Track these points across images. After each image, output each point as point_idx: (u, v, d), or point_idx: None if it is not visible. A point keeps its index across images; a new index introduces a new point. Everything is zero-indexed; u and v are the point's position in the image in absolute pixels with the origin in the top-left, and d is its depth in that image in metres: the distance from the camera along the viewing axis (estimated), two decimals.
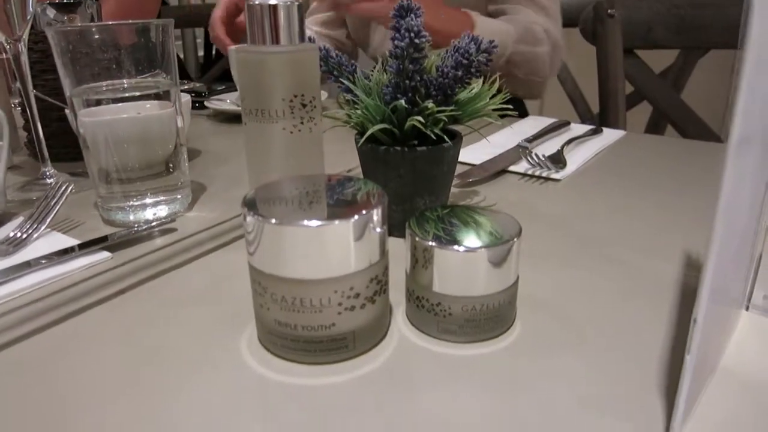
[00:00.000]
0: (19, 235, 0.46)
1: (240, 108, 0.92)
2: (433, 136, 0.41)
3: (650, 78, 1.08)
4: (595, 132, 0.78)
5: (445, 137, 0.42)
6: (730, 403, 0.29)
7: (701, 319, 0.23)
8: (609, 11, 1.03)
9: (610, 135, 0.78)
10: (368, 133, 0.41)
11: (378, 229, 0.31)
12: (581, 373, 0.31)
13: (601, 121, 1.10)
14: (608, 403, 0.28)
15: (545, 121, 0.82)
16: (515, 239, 0.32)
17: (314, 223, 0.28)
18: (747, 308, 0.37)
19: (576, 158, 0.67)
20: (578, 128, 0.80)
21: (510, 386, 0.30)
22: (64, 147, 0.70)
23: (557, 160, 0.65)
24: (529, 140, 0.71)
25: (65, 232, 0.49)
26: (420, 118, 0.40)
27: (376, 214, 0.30)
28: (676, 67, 1.10)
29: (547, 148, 0.70)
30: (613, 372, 0.31)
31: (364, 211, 0.29)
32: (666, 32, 1.02)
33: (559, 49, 0.99)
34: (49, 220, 0.47)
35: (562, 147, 0.69)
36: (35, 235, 0.46)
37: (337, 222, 0.29)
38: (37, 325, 0.36)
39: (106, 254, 0.44)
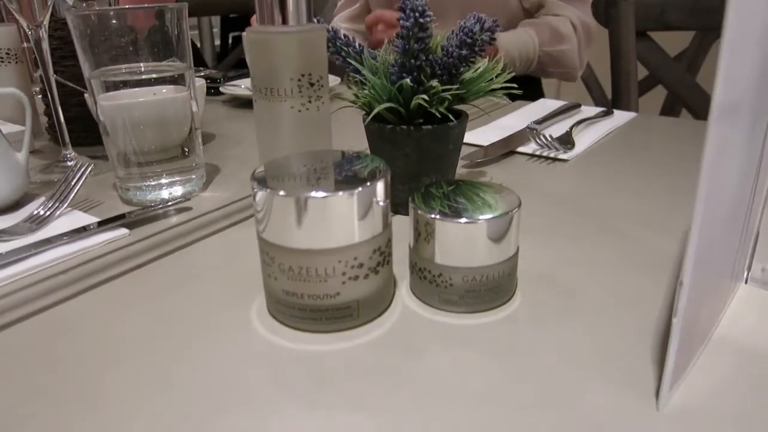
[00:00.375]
0: (42, 212, 0.48)
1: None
2: (438, 114, 0.42)
3: (664, 60, 1.07)
4: (606, 114, 0.78)
5: (450, 116, 0.43)
6: (723, 371, 0.30)
7: (687, 281, 0.24)
8: None
9: (620, 117, 0.78)
10: (375, 111, 0.43)
11: (381, 202, 0.32)
12: (578, 341, 0.32)
13: (613, 104, 1.10)
14: (603, 370, 0.29)
15: (556, 104, 0.82)
16: (515, 211, 0.33)
17: (319, 194, 0.30)
18: (746, 281, 0.38)
19: (585, 139, 0.68)
20: (589, 110, 0.80)
21: (508, 353, 0.31)
22: (84, 131, 0.71)
23: (565, 141, 0.65)
24: (539, 122, 0.71)
25: (85, 211, 0.51)
26: (425, 97, 0.41)
27: (380, 187, 0.31)
28: (691, 50, 1.09)
29: (557, 129, 0.71)
30: (609, 340, 0.32)
31: (368, 184, 0.31)
32: (679, 14, 1.01)
33: (591, 32, 1.06)
34: (70, 199, 0.49)
35: (571, 128, 0.69)
36: (57, 213, 0.48)
37: (341, 193, 0.30)
38: (61, 296, 0.38)
39: (124, 231, 0.46)
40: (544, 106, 0.83)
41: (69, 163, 0.64)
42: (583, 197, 0.52)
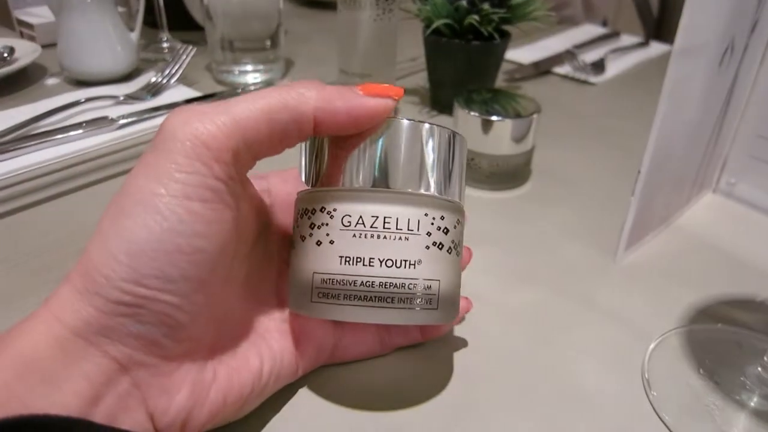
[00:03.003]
0: (159, 80, 0.59)
1: None
2: (485, 33, 0.51)
3: None
4: (641, 45, 0.85)
5: (496, 35, 0.52)
6: (672, 246, 0.40)
7: (644, 171, 0.34)
8: None
9: (655, 49, 0.84)
10: (434, 26, 0.52)
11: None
12: (567, 216, 0.43)
13: (657, 34, 1.14)
14: (582, 235, 0.41)
15: (599, 31, 0.89)
16: (533, 116, 0.43)
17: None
18: (714, 191, 0.48)
19: (616, 66, 0.75)
20: (627, 40, 0.87)
21: (516, 219, 0.42)
22: (174, 17, 0.81)
23: (598, 66, 0.73)
24: (578, 46, 0.79)
25: (188, 87, 0.62)
26: (476, 17, 0.50)
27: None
28: None
29: (594, 55, 0.78)
30: (591, 217, 0.43)
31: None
32: None
33: None
34: (179, 74, 0.60)
35: (605, 55, 0.76)
36: (168, 85, 0.60)
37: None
38: None
39: None
40: (587, 32, 0.90)
41: (164, 45, 0.74)
42: (602, 117, 0.61)
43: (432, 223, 0.23)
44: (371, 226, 0.22)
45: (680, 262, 0.39)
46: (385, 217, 0.22)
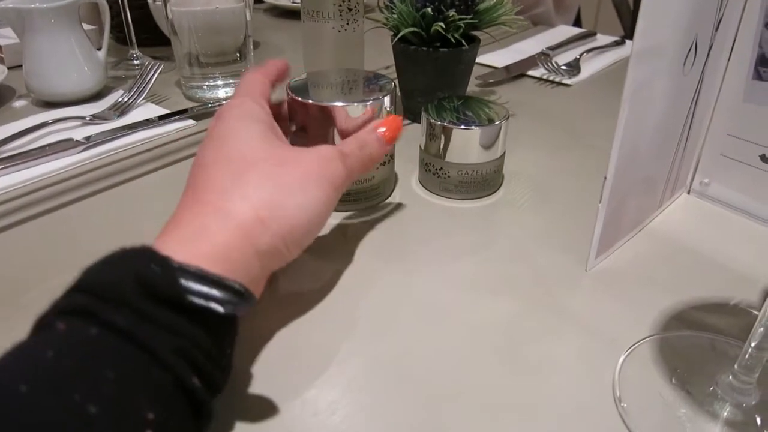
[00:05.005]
0: (125, 100, 0.58)
1: (293, 4, 1.00)
2: (452, 39, 0.51)
3: None
4: (618, 44, 0.84)
5: (464, 42, 0.51)
6: (645, 251, 0.40)
7: (610, 177, 0.34)
8: None
9: (631, 47, 0.84)
10: (401, 34, 0.51)
11: (388, 109, 0.40)
12: (539, 223, 0.42)
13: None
14: (554, 242, 0.40)
15: (573, 31, 0.88)
16: (502, 122, 0.42)
17: (340, 104, 0.38)
18: (689, 192, 0.47)
19: (592, 67, 0.75)
20: (603, 39, 0.86)
21: (487, 228, 0.42)
22: (145, 33, 0.80)
23: (572, 67, 0.73)
24: (552, 48, 0.78)
25: (156, 104, 0.61)
26: (442, 24, 0.50)
27: (388, 100, 0.40)
28: None
29: (569, 56, 0.78)
30: (563, 224, 0.42)
31: (379, 96, 0.39)
32: None
33: None
34: (146, 92, 0.59)
35: (580, 55, 0.76)
36: (135, 104, 0.59)
37: (356, 104, 0.39)
38: (143, 170, 0.49)
39: (191, 122, 0.57)
40: (562, 32, 0.89)
41: (135, 62, 0.73)
42: (577, 119, 0.60)
43: None
44: None
45: (653, 267, 0.38)
46: None
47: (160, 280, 0.23)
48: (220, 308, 0.24)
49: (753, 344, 0.26)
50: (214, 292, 0.24)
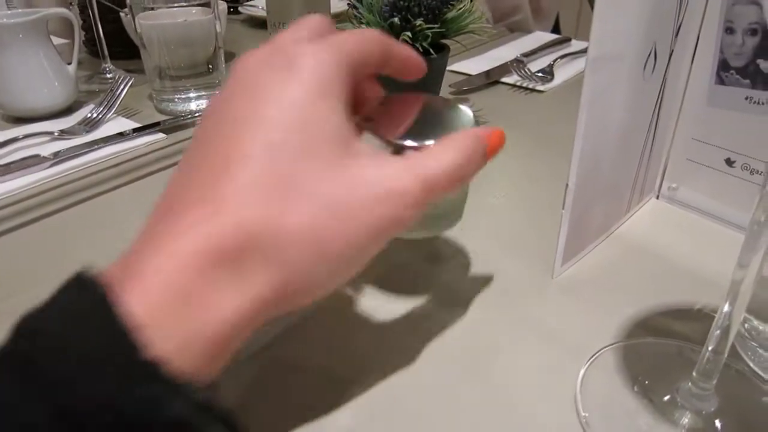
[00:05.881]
0: (94, 116, 0.57)
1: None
2: (420, 49, 0.51)
3: None
4: None
5: (432, 51, 0.51)
6: (612, 258, 0.40)
7: (572, 184, 0.34)
8: None
9: None
10: None
11: None
12: (506, 230, 0.42)
13: None
14: (521, 250, 0.40)
15: (549, 37, 0.89)
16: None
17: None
18: (658, 197, 0.47)
19: (565, 72, 0.75)
20: (578, 45, 0.87)
21: (451, 235, 0.41)
22: (118, 47, 0.80)
23: (546, 73, 0.73)
24: (527, 54, 0.79)
25: (127, 118, 0.61)
26: (409, 34, 0.50)
27: None
28: None
29: (544, 62, 0.78)
30: (532, 231, 0.42)
31: None
32: None
33: None
34: (116, 106, 0.59)
35: (554, 61, 0.76)
36: (105, 119, 0.58)
37: None
38: (113, 185, 0.49)
39: (161, 135, 0.56)
40: (537, 38, 0.90)
41: (108, 75, 0.73)
42: (548, 125, 0.60)
43: None
44: None
45: (619, 274, 0.38)
46: None
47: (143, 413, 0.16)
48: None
49: (710, 348, 0.26)
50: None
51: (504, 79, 0.73)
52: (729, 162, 0.41)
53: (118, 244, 0.28)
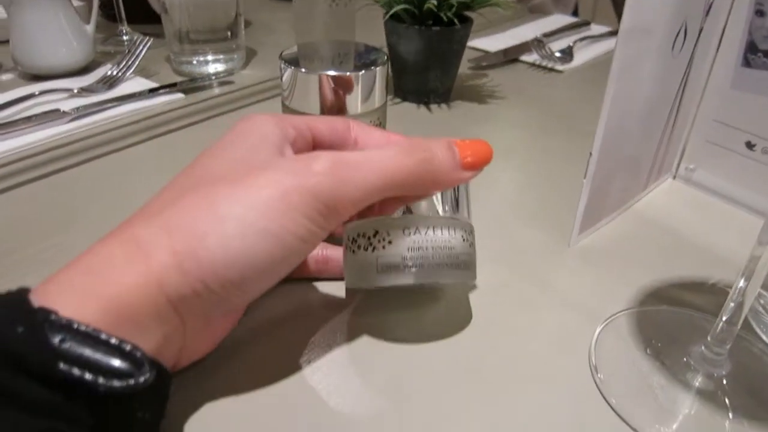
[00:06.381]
0: (114, 73, 0.58)
1: None
2: (445, 18, 0.51)
3: None
4: (612, 34, 0.84)
5: (456, 21, 0.51)
6: (627, 231, 0.40)
7: (596, 153, 0.34)
8: None
9: None
10: (392, 10, 0.51)
11: (378, 83, 0.40)
12: (524, 200, 0.42)
13: None
14: (537, 218, 0.40)
15: (569, 20, 0.88)
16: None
17: (331, 73, 0.38)
18: (674, 177, 0.47)
19: (584, 55, 0.75)
20: (597, 29, 0.87)
21: (472, 203, 0.42)
22: (134, 10, 0.80)
23: (566, 54, 0.73)
24: (547, 35, 0.78)
25: (145, 78, 0.61)
26: (434, 2, 0.50)
27: (379, 73, 0.40)
28: None
29: (563, 43, 0.78)
30: (549, 201, 0.42)
31: (372, 68, 0.39)
32: None
33: None
34: (135, 66, 0.59)
35: (574, 43, 0.76)
36: (124, 78, 0.58)
37: (347, 73, 0.38)
38: (132, 141, 0.49)
39: (180, 95, 0.56)
40: (557, 20, 0.89)
41: (124, 38, 0.73)
42: (566, 103, 0.60)
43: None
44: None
45: (634, 246, 0.38)
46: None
47: (27, 345, 0.18)
48: (100, 381, 0.19)
49: (724, 318, 0.26)
50: (99, 357, 0.19)
51: (523, 58, 0.72)
52: (749, 145, 0.41)
53: (135, 198, 0.29)
